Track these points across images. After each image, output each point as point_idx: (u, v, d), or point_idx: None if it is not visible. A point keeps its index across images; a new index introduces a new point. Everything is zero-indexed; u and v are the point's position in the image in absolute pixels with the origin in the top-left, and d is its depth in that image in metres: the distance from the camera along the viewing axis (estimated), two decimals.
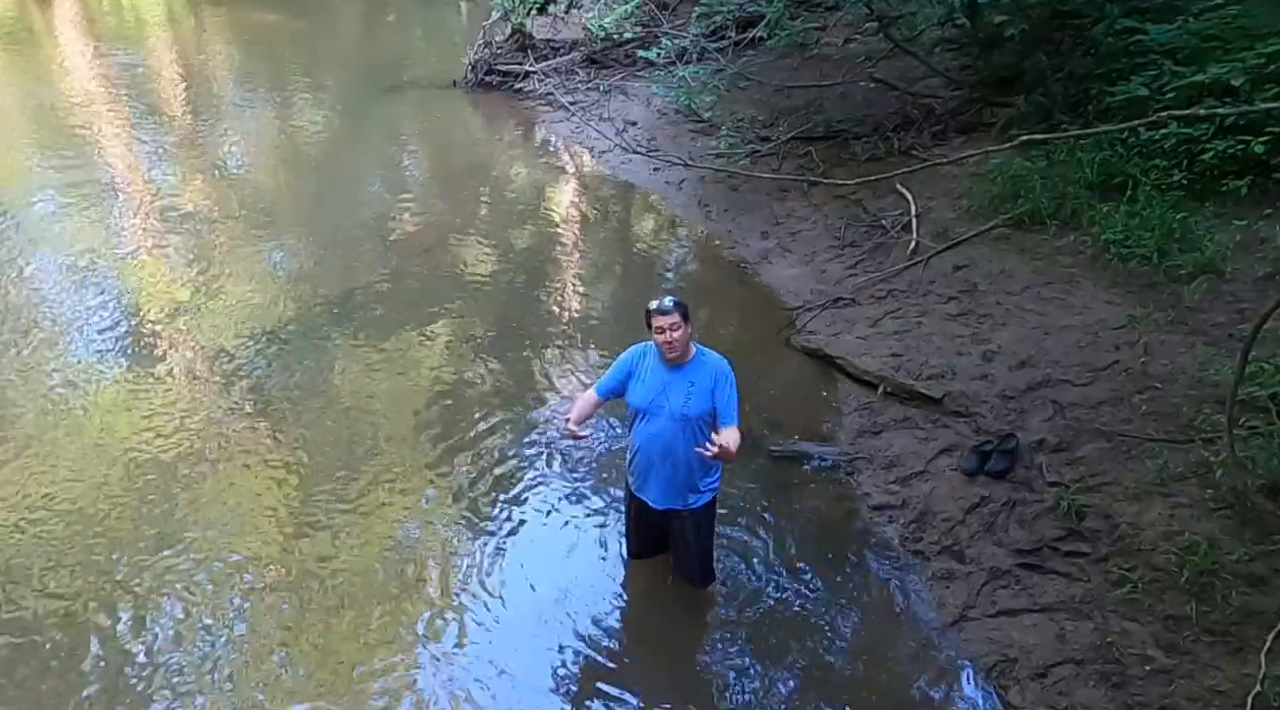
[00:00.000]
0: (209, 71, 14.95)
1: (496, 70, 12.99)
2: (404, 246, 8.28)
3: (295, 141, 11.68)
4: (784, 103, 10.19)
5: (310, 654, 4.15)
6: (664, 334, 3.83)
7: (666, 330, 3.82)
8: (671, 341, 3.83)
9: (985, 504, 4.83)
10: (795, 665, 4.15)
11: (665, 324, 3.81)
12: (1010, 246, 6.80)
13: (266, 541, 4.77)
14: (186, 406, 5.85)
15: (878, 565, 4.69)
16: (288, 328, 6.78)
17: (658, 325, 3.84)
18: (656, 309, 3.85)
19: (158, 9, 19.72)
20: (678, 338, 3.83)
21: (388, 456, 5.43)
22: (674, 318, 3.81)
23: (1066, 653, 4.00)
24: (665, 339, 3.83)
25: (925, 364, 5.90)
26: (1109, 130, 6.59)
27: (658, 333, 3.85)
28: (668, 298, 3.88)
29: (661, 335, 3.84)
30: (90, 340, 6.63)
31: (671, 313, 3.81)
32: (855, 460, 5.35)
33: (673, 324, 3.81)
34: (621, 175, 9.98)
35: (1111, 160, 6.89)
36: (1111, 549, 4.37)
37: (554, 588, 4.49)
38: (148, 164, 10.43)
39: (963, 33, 9.40)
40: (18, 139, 11.16)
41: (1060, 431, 5.07)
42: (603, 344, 6.61)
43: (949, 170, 7.83)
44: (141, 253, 8.12)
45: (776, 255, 7.82)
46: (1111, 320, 5.77)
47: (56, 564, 4.61)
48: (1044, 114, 7.79)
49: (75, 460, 5.33)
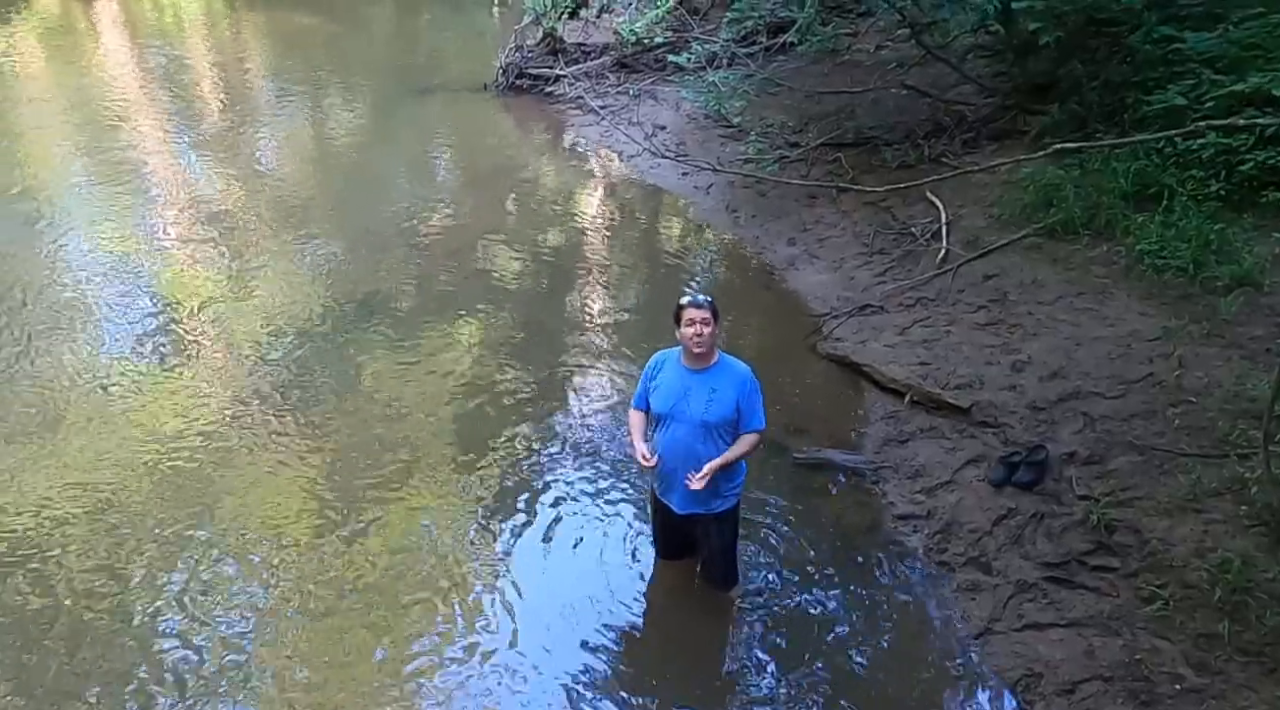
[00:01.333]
0: (245, 71, 15.17)
1: (527, 74, 13.05)
2: (433, 247, 8.35)
3: (327, 142, 11.83)
4: (814, 109, 10.15)
5: (335, 651, 4.18)
6: (694, 326, 3.78)
7: (697, 324, 3.78)
8: (700, 335, 3.79)
9: (1012, 516, 4.77)
10: (817, 673, 4.11)
11: (697, 317, 3.77)
12: (1042, 256, 6.73)
13: (294, 539, 4.81)
14: (216, 402, 5.92)
15: (902, 575, 4.64)
16: (317, 326, 6.85)
17: (689, 318, 3.79)
18: (690, 302, 3.82)
19: (196, 9, 20.04)
20: (707, 334, 3.80)
21: (415, 455, 5.46)
22: (706, 313, 3.79)
23: (1094, 669, 3.94)
24: (694, 332, 3.78)
25: (953, 373, 5.84)
26: (1145, 139, 6.51)
27: (688, 325, 3.80)
28: (699, 293, 3.87)
29: (691, 328, 3.79)
30: (124, 334, 6.73)
31: (704, 307, 3.80)
32: (880, 469, 5.31)
33: (704, 318, 3.78)
34: (650, 179, 10.00)
35: (1147, 170, 6.79)
36: (1142, 565, 4.30)
37: (580, 588, 4.50)
38: (183, 161, 10.59)
39: (996, 39, 9.33)
40: (59, 135, 11.38)
41: (1091, 444, 5.00)
42: (629, 346, 6.62)
43: (980, 178, 7.77)
44: (175, 248, 8.25)
45: (804, 261, 7.79)
46: (1145, 332, 5.68)
47: (87, 555, 4.67)
48: (1078, 122, 7.70)
49: (107, 452, 5.40)
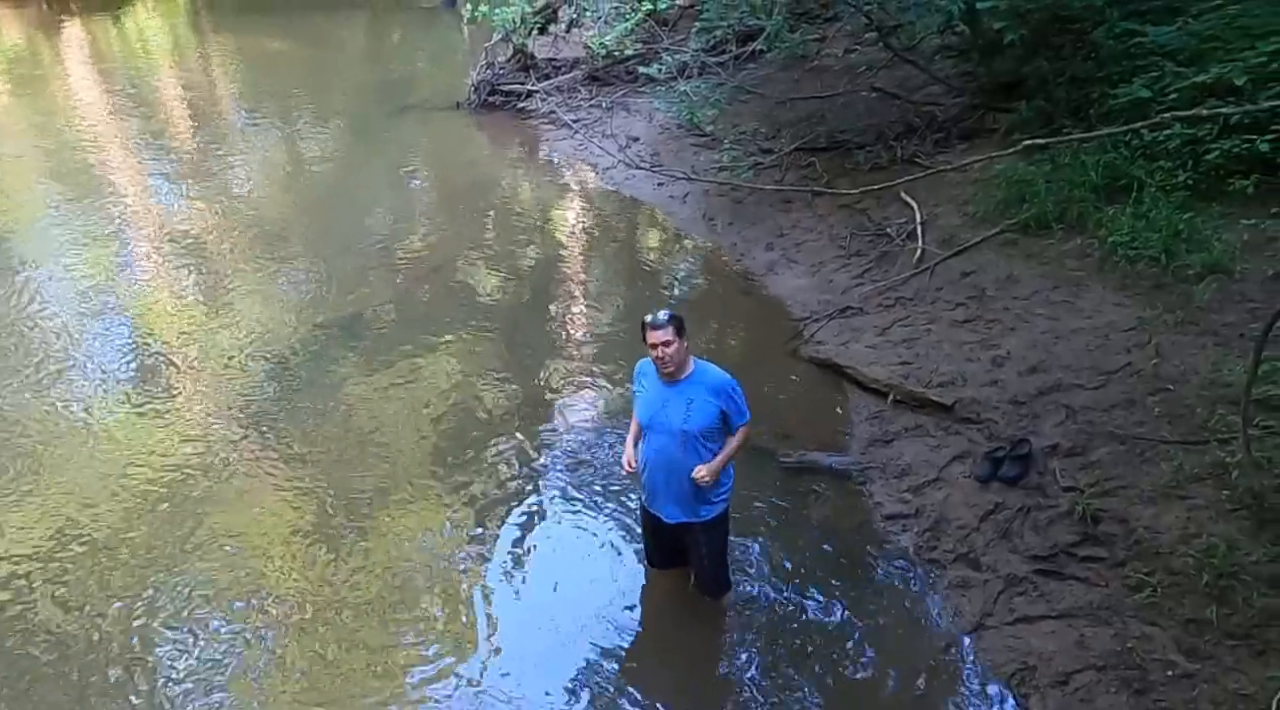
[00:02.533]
0: (216, 97, 15.11)
1: (499, 90, 13.08)
2: (412, 267, 8.32)
3: (302, 165, 11.79)
4: (786, 114, 10.22)
5: (322, 671, 4.14)
6: (656, 350, 3.73)
7: (659, 346, 3.71)
8: (664, 358, 3.73)
9: (1000, 511, 4.79)
10: (811, 676, 4.11)
11: (658, 339, 3.71)
12: (1017, 252, 6.79)
13: (279, 561, 4.77)
14: (199, 430, 5.87)
15: (892, 574, 4.65)
16: (297, 350, 6.81)
17: (651, 340, 3.74)
18: (650, 323, 3.74)
19: (164, 37, 19.97)
20: (670, 354, 3.73)
21: (399, 474, 5.43)
22: (667, 333, 3.70)
23: (1087, 659, 3.96)
24: (658, 355, 3.73)
25: (935, 371, 5.87)
26: (1112, 133, 6.57)
27: (651, 348, 3.76)
28: (661, 312, 3.75)
29: (654, 351, 3.74)
30: (103, 367, 6.67)
31: (665, 327, 3.70)
32: (867, 469, 5.32)
33: (665, 340, 3.70)
34: (626, 191, 10.02)
35: (1116, 163, 6.87)
36: (1129, 553, 4.33)
37: (569, 601, 4.48)
38: (157, 192, 10.51)
39: (962, 40, 9.42)
40: (28, 170, 11.29)
41: (1073, 436, 5.04)
42: (610, 359, 6.62)
43: (953, 177, 7.83)
44: (151, 277, 8.19)
45: (782, 266, 7.82)
46: (1121, 322, 5.74)
47: (74, 586, 4.62)
48: (1046, 118, 7.78)
49: (90, 484, 5.35)
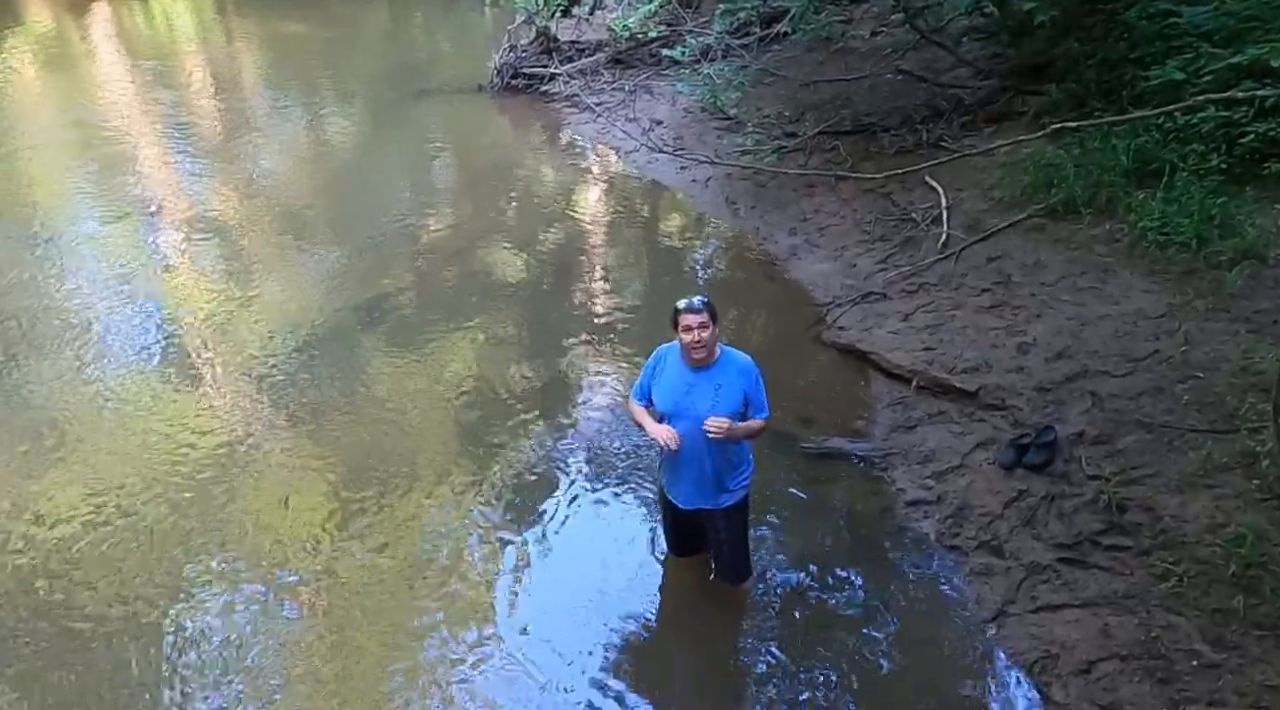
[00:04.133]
0: (240, 81, 15.18)
1: (522, 73, 13.04)
2: (434, 250, 8.35)
3: (325, 149, 11.84)
4: (810, 97, 10.12)
5: (345, 654, 4.20)
6: (691, 333, 3.70)
7: (695, 330, 3.69)
8: (699, 341, 3.71)
9: (1023, 498, 4.76)
10: (831, 662, 4.11)
11: (694, 322, 3.69)
12: (1044, 237, 6.70)
13: (304, 542, 4.83)
14: (225, 413, 5.95)
15: (914, 561, 4.64)
16: (321, 333, 6.86)
17: (685, 324, 3.71)
18: (685, 307, 3.71)
19: (189, 21, 20.07)
20: (705, 338, 3.71)
21: (422, 458, 5.48)
22: (703, 317, 3.69)
23: (1110, 648, 3.93)
24: (693, 338, 3.70)
25: (959, 357, 5.83)
26: (1144, 116, 6.46)
27: (684, 331, 3.73)
28: (697, 296, 3.73)
29: (689, 335, 3.71)
30: (131, 351, 6.76)
31: (701, 311, 3.69)
32: (889, 456, 5.30)
33: (701, 323, 3.69)
34: (648, 174, 9.98)
35: (1147, 146, 6.75)
36: (1154, 542, 4.29)
37: (590, 588, 4.50)
38: (182, 176, 10.60)
39: (991, 21, 9.27)
40: (57, 151, 11.42)
41: (1099, 423, 4.99)
42: (632, 343, 6.61)
43: (979, 161, 7.74)
44: (177, 261, 8.27)
45: (805, 251, 7.77)
46: (1150, 309, 5.65)
47: (103, 567, 4.70)
48: (1076, 101, 7.66)
49: (117, 463, 5.44)
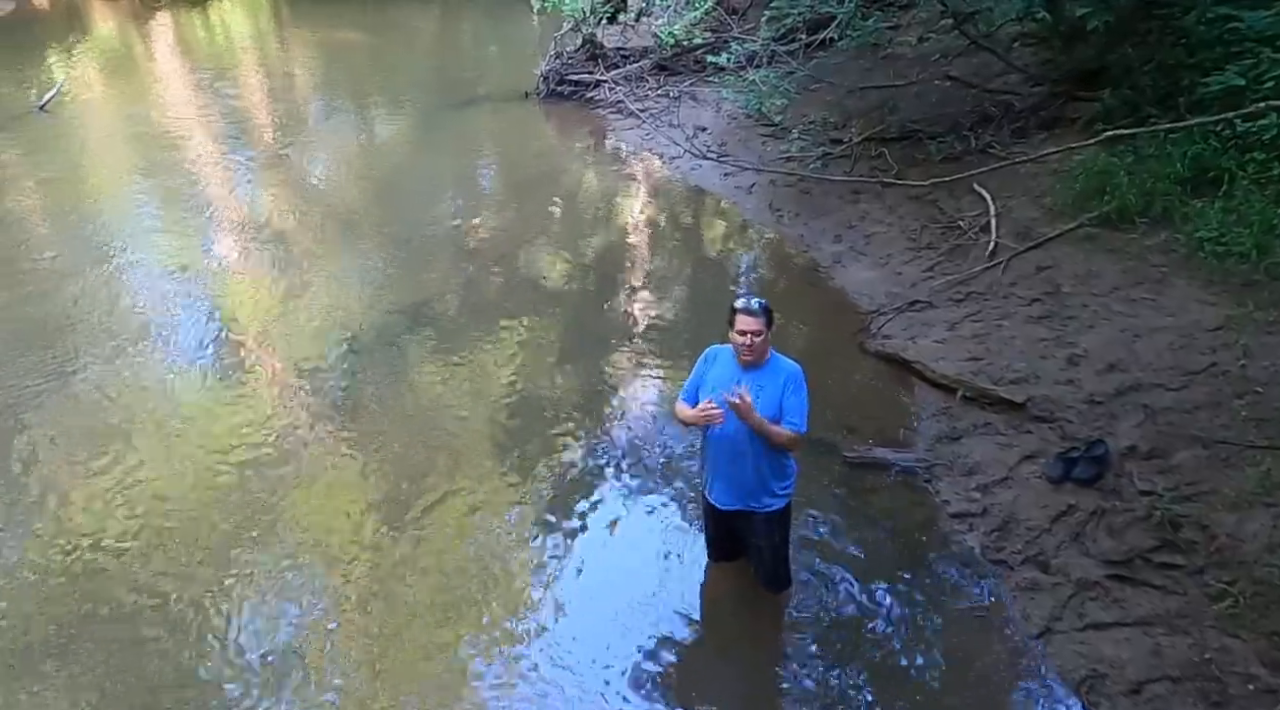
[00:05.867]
0: (293, 88, 15.56)
1: (568, 80, 13.17)
2: (479, 254, 8.45)
3: (375, 154, 12.06)
4: (856, 104, 10.05)
5: (389, 653, 4.25)
6: (745, 337, 3.72)
7: (749, 334, 3.71)
8: (751, 345, 3.73)
9: (1072, 513, 4.66)
10: (871, 676, 4.06)
11: (749, 326, 3.71)
12: (1096, 246, 6.57)
13: (348, 542, 4.90)
14: (272, 411, 6.07)
15: (958, 574, 4.56)
16: (369, 335, 6.97)
17: (741, 326, 3.73)
18: (743, 308, 3.73)
19: (246, 29, 20.63)
20: (759, 343, 3.74)
21: (465, 459, 5.53)
22: (759, 321, 3.71)
23: (1162, 669, 3.82)
24: (745, 342, 3.73)
25: (1007, 368, 5.73)
26: (1203, 122, 6.31)
27: (739, 334, 3.74)
28: (756, 299, 3.74)
29: (742, 337, 3.73)
30: (185, 352, 6.91)
31: (758, 315, 3.71)
32: (933, 467, 5.23)
33: (756, 328, 3.71)
34: (692, 181, 9.99)
35: (1205, 154, 6.58)
36: (1209, 561, 4.17)
37: (630, 593, 4.50)
38: (237, 177, 10.89)
39: (1042, 26, 9.13)
40: (119, 158, 11.79)
41: (1153, 438, 4.86)
42: (674, 349, 6.62)
43: (1029, 168, 7.61)
44: (230, 263, 8.48)
45: (850, 258, 7.71)
46: (1207, 321, 5.51)
47: (151, 562, 4.80)
48: (1131, 108, 7.50)
49: (169, 462, 5.56)
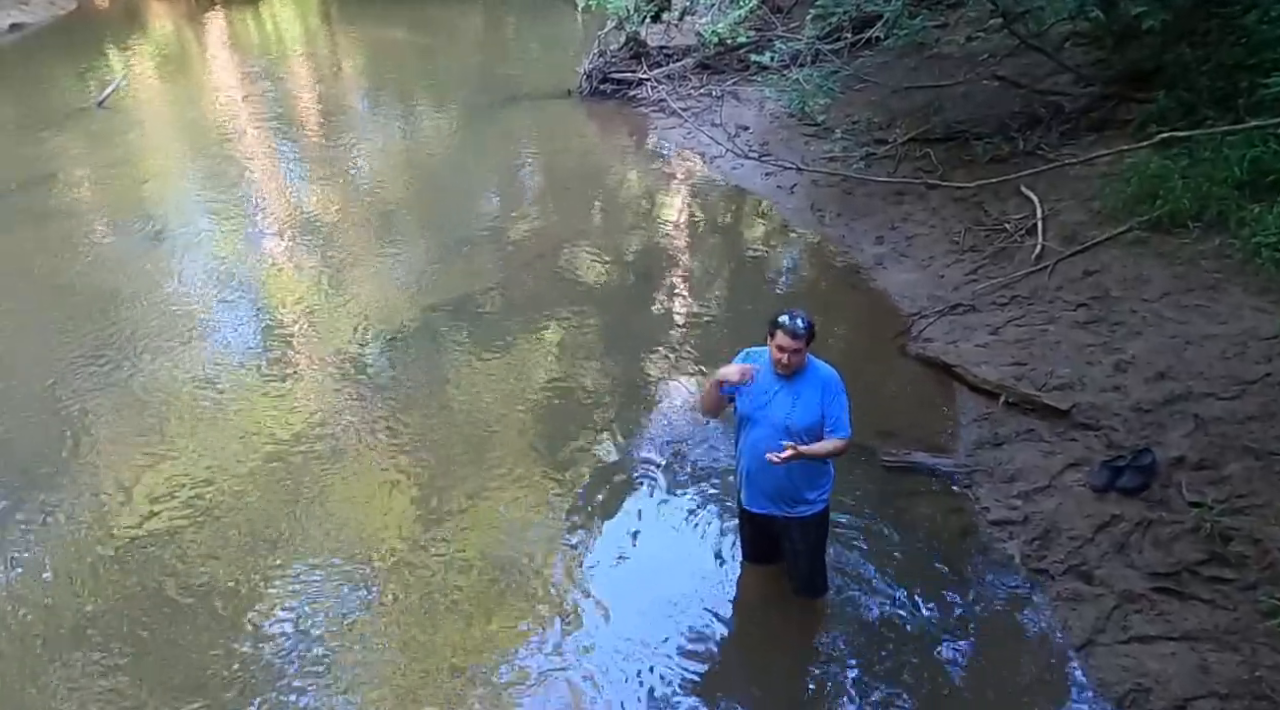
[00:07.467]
0: (340, 85, 15.80)
1: (610, 79, 13.17)
2: (519, 252, 8.50)
3: (418, 152, 12.20)
4: (901, 104, 9.92)
5: (424, 651, 4.29)
6: (783, 354, 3.71)
7: (787, 352, 3.70)
8: (787, 363, 3.73)
9: (1116, 523, 4.55)
10: (907, 685, 4.01)
11: (789, 346, 3.68)
12: (1147, 250, 6.41)
13: (386, 537, 4.96)
14: (314, 405, 6.16)
15: (997, 583, 4.50)
16: (411, 331, 7.06)
17: (780, 343, 3.70)
18: (787, 326, 3.67)
19: (296, 28, 21.00)
20: (796, 361, 3.73)
21: (503, 457, 5.57)
22: (800, 343, 3.68)
23: (1209, 685, 3.73)
24: (783, 359, 3.72)
25: (1051, 374, 5.62)
26: (1262, 126, 6.12)
27: (778, 349, 3.72)
28: (800, 319, 3.68)
29: (780, 354, 3.72)
30: (230, 340, 7.07)
31: (801, 336, 3.67)
32: (973, 473, 5.15)
33: (796, 348, 3.69)
34: (733, 180, 9.95)
35: (1263, 157, 6.38)
36: (1261, 576, 4.05)
37: (664, 592, 4.49)
38: (285, 173, 11.11)
39: (1095, 26, 8.92)
40: (170, 154, 12.08)
41: (1203, 448, 4.74)
42: (713, 349, 6.59)
43: (1079, 171, 7.45)
44: (276, 258, 8.64)
45: (892, 260, 7.62)
46: (1262, 330, 5.35)
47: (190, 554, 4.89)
48: (1186, 109, 7.30)
49: (214, 453, 5.67)
